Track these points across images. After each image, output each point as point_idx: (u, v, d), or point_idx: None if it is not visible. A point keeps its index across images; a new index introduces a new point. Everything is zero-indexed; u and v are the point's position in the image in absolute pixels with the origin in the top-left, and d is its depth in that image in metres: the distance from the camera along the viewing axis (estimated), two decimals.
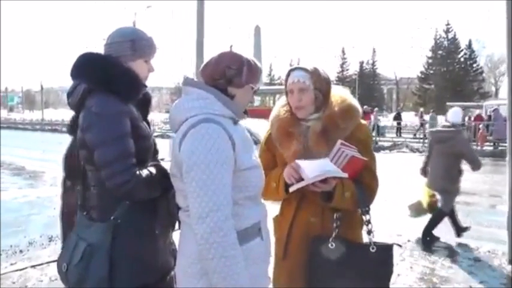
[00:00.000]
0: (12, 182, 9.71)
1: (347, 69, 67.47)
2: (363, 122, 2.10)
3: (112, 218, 1.77)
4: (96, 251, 1.75)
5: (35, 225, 6.04)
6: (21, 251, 4.86)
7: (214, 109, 1.62)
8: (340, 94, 2.09)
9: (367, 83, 63.43)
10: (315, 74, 2.00)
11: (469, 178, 9.93)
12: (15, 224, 6.10)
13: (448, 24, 56.20)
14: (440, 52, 56.51)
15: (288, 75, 2.05)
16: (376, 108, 26.40)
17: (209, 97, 1.64)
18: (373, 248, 1.94)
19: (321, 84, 2.00)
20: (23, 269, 4.27)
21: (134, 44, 1.89)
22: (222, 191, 1.50)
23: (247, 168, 1.61)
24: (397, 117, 26.78)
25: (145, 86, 1.95)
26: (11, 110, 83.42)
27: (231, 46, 1.74)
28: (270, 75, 70.84)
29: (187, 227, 1.63)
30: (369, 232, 1.98)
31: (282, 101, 2.17)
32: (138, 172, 1.74)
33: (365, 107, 23.06)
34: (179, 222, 1.80)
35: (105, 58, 1.87)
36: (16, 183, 9.66)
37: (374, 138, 19.48)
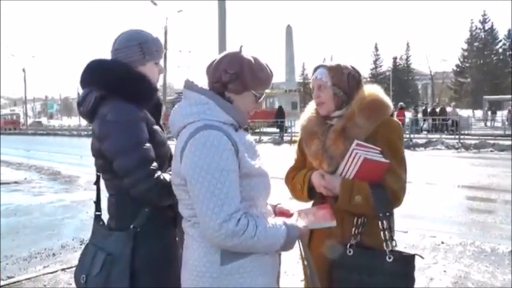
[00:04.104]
0: (49, 187, 10.01)
1: (380, 66, 66.52)
2: (394, 119, 2.01)
3: (132, 226, 1.75)
4: (117, 261, 1.72)
5: (68, 229, 6.19)
6: (53, 254, 4.98)
7: (213, 115, 1.54)
8: (368, 90, 2.01)
9: (401, 79, 62.19)
10: (334, 70, 1.95)
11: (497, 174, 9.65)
12: (50, 227, 6.26)
13: (484, 14, 54.34)
14: (476, 44, 54.76)
15: (313, 73, 2.04)
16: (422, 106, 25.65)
17: (208, 102, 1.56)
18: (389, 258, 1.82)
19: (340, 81, 1.95)
20: (54, 272, 4.37)
21: (143, 47, 1.86)
22: (233, 199, 1.45)
23: (252, 175, 1.54)
24: (433, 113, 26.00)
25: (157, 90, 1.94)
26: (50, 117, 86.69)
27: (241, 47, 1.62)
28: (303, 74, 70.49)
29: (191, 239, 1.59)
30: (387, 240, 1.84)
31: (311, 102, 2.13)
32: (161, 177, 1.73)
33: (400, 103, 22.59)
34: (179, 233, 1.75)
35: (116, 64, 1.85)
36: (52, 187, 9.95)
37: (408, 136, 19.03)
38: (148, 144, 1.75)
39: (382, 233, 1.84)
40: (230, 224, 1.42)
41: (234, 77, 1.57)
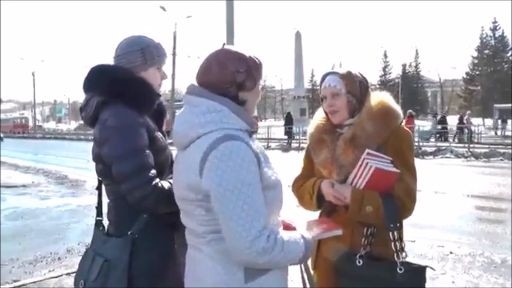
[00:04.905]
0: (56, 191, 10.07)
1: (389, 73, 66.26)
2: (403, 127, 1.99)
3: (129, 232, 1.74)
4: (114, 267, 1.72)
5: (74, 233, 6.21)
6: (59, 259, 5.00)
7: (230, 123, 1.46)
8: (377, 98, 2.00)
9: (410, 86, 61.87)
10: (347, 77, 1.94)
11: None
12: (56, 231, 6.29)
13: (495, 21, 54.04)
14: (486, 51, 54.36)
15: (322, 80, 2.01)
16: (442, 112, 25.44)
17: (222, 109, 1.47)
18: (400, 269, 1.77)
19: (353, 88, 1.94)
20: (59, 276, 4.39)
21: (144, 52, 1.86)
22: (261, 214, 1.39)
23: (269, 187, 1.47)
24: (442, 121, 25.82)
25: (159, 96, 1.93)
26: (59, 121, 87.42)
27: (223, 44, 1.58)
28: (311, 80, 70.45)
29: (206, 257, 1.50)
30: (398, 251, 1.81)
31: (320, 109, 2.12)
32: (159, 185, 1.71)
33: (409, 111, 22.45)
34: (179, 242, 1.72)
35: (118, 70, 1.85)
36: (59, 191, 10.01)
37: (417, 143, 18.92)
38: (147, 151, 1.74)
39: (392, 243, 1.81)
40: (261, 241, 1.36)
41: (246, 74, 1.51)
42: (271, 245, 1.38)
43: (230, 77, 1.49)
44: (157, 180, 1.72)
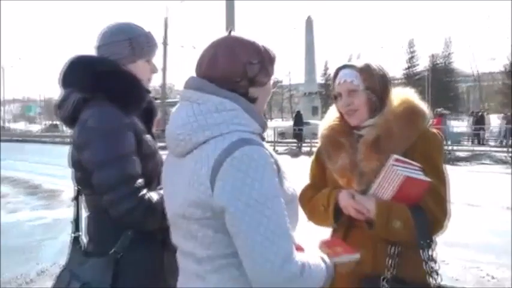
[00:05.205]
0: (26, 203, 10.08)
1: (416, 65, 66.26)
2: (432, 130, 2.00)
3: (112, 251, 1.74)
4: None
5: (48, 252, 6.20)
6: (31, 281, 5.01)
7: (243, 124, 1.40)
8: (401, 95, 2.01)
9: (440, 81, 61.94)
10: (365, 71, 1.94)
11: None
12: (26, 250, 6.30)
13: None
14: None
15: (335, 75, 2.01)
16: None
17: (235, 108, 1.41)
18: None
19: (373, 83, 1.94)
20: None
21: (132, 42, 1.87)
22: (289, 233, 1.34)
23: (287, 201, 1.41)
24: (479, 121, 25.70)
25: (149, 92, 1.94)
26: (31, 121, 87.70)
27: (230, 30, 1.52)
28: (325, 74, 70.56)
29: (211, 287, 1.43)
30: (431, 273, 1.81)
31: (333, 108, 2.12)
32: (146, 196, 1.72)
33: (439, 109, 22.43)
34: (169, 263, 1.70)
35: (101, 61, 1.86)
36: (30, 203, 10.02)
37: (448, 147, 18.90)
38: (134, 157, 1.75)
39: (424, 264, 1.81)
40: (292, 265, 1.31)
41: (259, 66, 1.47)
42: (300, 270, 1.33)
43: (241, 70, 1.44)
44: (144, 191, 1.73)
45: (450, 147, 19.63)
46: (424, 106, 2.00)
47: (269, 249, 1.29)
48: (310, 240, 1.78)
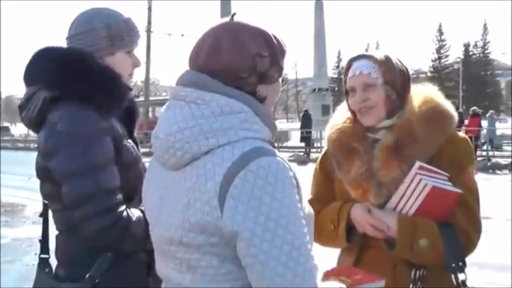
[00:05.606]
0: None
1: (446, 56, 66.26)
2: (460, 133, 2.03)
3: (88, 276, 1.76)
4: None
5: (8, 277, 6.21)
6: None
7: (253, 130, 1.36)
8: (423, 93, 2.03)
9: (475, 74, 61.99)
10: (385, 63, 1.95)
11: None
12: None
13: None
14: None
15: (349, 67, 2.02)
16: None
17: (243, 110, 1.35)
18: None
19: (394, 78, 1.95)
20: None
21: (110, 31, 1.88)
22: (312, 261, 1.29)
23: (306, 222, 1.36)
24: None
25: (130, 89, 1.97)
26: None
27: (232, 15, 1.46)
28: (338, 67, 70.70)
29: None
30: None
31: (343, 106, 2.13)
32: (125, 213, 1.74)
33: (473, 108, 22.39)
34: None
35: (74, 54, 1.87)
36: None
37: (485, 153, 18.88)
38: (111, 167, 1.77)
39: None
40: None
41: (271, 60, 1.42)
42: None
43: (250, 63, 1.39)
44: (123, 207, 1.75)
45: (490, 153, 19.63)
46: (450, 106, 2.02)
47: (291, 282, 1.24)
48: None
